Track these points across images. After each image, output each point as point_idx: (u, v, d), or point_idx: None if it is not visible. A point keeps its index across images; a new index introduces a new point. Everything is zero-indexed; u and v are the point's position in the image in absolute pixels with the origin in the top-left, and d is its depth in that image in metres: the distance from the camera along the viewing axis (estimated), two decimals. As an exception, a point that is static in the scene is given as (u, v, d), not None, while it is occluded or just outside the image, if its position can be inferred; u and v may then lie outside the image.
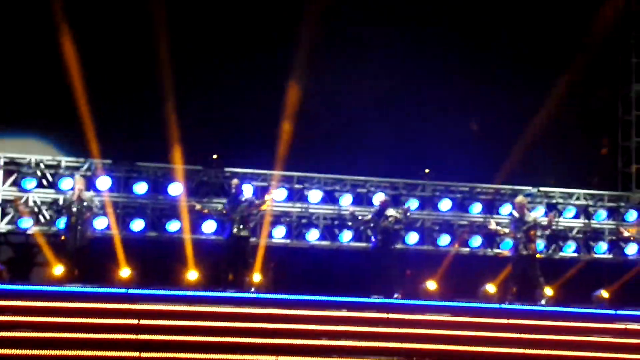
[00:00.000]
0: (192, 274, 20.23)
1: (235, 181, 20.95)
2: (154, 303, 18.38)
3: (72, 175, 21.08)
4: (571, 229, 23.65)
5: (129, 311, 18.17)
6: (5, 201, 21.27)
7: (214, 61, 22.68)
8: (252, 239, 20.94)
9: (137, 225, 21.56)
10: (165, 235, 21.69)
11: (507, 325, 19.20)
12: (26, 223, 21.13)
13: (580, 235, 23.63)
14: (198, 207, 21.18)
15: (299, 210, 22.53)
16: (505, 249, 22.47)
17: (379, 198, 21.50)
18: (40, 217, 21.34)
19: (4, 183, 21.32)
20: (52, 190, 21.39)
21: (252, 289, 19.93)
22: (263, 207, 21.13)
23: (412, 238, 22.51)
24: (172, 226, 21.62)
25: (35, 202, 21.35)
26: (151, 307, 18.31)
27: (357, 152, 23.20)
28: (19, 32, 21.75)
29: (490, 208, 23.25)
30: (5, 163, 21.35)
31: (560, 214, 23.46)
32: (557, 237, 23.37)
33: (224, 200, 21.23)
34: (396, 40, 23.49)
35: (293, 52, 21.87)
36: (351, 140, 23.23)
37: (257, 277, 20.34)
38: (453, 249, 22.66)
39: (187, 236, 21.27)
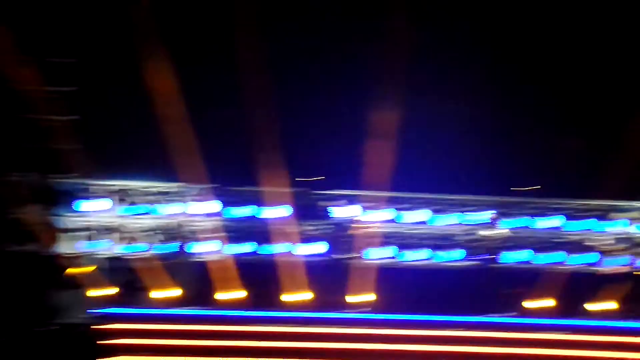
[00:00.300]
0: (302, 295, 20.17)
1: (332, 204, 20.86)
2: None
3: (176, 201, 21.13)
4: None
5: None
6: (113, 227, 21.30)
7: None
8: (353, 261, 20.78)
9: (243, 247, 21.51)
10: (268, 257, 21.58)
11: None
12: (135, 248, 21.17)
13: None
14: (296, 230, 21.16)
15: (397, 230, 22.23)
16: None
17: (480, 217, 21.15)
18: (148, 241, 21.32)
19: (114, 209, 21.34)
20: (158, 215, 21.37)
21: (364, 309, 19.82)
22: (360, 229, 20.98)
23: (516, 255, 22.11)
24: (274, 248, 21.55)
25: (142, 227, 21.36)
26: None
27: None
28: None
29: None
30: (114, 191, 21.38)
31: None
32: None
33: (322, 222, 21.26)
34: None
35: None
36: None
37: (363, 297, 20.16)
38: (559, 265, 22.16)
39: (289, 258, 21.18)
